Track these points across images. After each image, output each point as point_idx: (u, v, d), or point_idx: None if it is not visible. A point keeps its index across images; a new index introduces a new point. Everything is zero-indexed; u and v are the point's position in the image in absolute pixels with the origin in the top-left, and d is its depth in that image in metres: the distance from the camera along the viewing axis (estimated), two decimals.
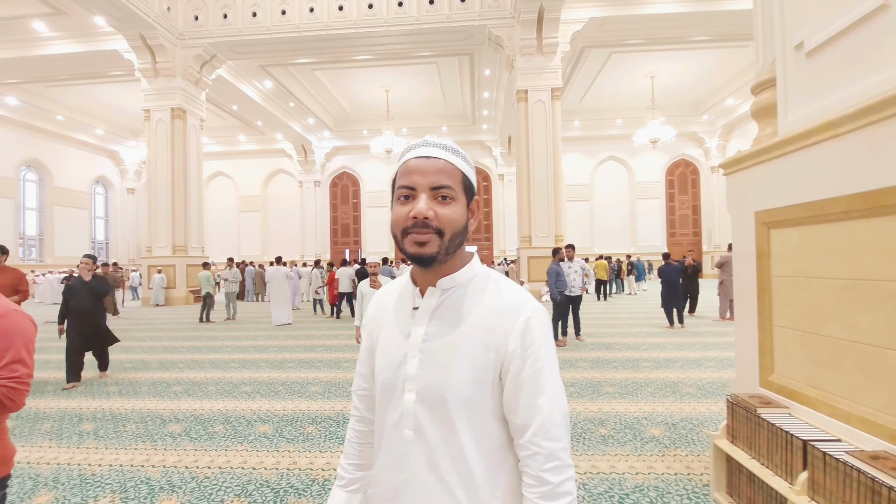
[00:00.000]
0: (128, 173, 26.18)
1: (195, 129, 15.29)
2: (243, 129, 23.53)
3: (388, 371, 0.84)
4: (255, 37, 13.89)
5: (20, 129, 20.33)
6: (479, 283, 0.85)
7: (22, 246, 21.02)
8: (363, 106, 21.60)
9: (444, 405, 0.77)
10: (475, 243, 26.15)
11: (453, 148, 0.83)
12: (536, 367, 0.77)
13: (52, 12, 12.93)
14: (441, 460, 0.77)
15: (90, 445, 3.54)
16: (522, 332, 0.77)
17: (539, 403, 0.76)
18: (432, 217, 0.75)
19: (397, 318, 0.87)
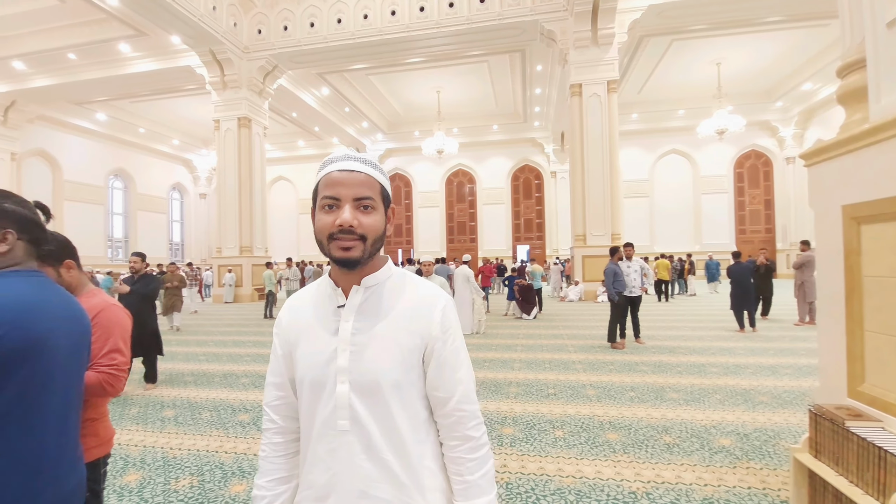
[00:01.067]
0: (200, 180, 28.20)
1: (259, 136, 16.20)
2: (302, 135, 24.64)
3: (315, 369, 0.89)
4: (312, 46, 14.50)
5: (109, 142, 22.49)
6: (396, 280, 0.95)
7: (110, 247, 23.21)
8: (415, 108, 21.95)
9: (378, 390, 0.86)
10: (527, 242, 25.82)
11: (372, 162, 0.92)
12: (455, 346, 0.92)
13: (135, 34, 14.19)
14: (378, 442, 0.86)
15: (171, 431, 3.85)
16: (441, 319, 0.91)
17: (459, 376, 0.92)
18: (356, 225, 0.84)
19: (320, 319, 0.93)
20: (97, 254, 21.34)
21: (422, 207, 26.83)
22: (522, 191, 26.07)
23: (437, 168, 26.21)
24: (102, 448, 1.53)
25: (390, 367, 0.87)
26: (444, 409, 0.91)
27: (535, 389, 4.83)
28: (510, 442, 3.43)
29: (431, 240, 26.42)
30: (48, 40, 14.37)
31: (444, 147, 19.18)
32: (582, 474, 2.87)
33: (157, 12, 12.04)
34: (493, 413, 4.10)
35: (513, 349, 7.11)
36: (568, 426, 3.73)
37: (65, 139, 20.56)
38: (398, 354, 0.88)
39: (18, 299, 1.04)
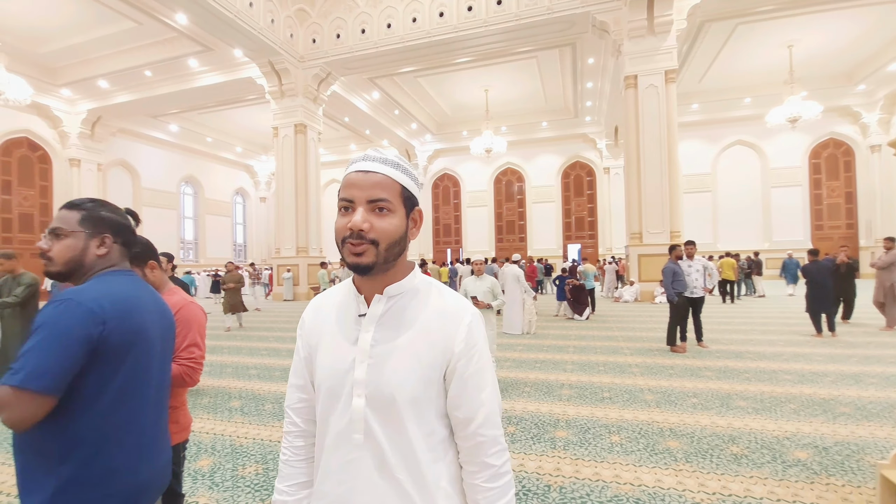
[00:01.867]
0: (260, 184, 29.78)
1: (314, 141, 16.87)
2: (354, 139, 25.38)
3: (333, 378, 0.86)
4: (364, 52, 14.89)
5: (180, 151, 24.26)
6: (421, 290, 0.90)
7: (182, 249, 25.01)
8: (463, 108, 22.00)
9: (393, 406, 0.82)
10: (578, 241, 25.16)
11: (393, 161, 0.87)
12: (479, 365, 0.86)
13: (202, 50, 15.21)
14: (391, 459, 0.82)
15: (238, 420, 4.10)
16: (466, 335, 0.85)
17: (482, 397, 0.86)
18: (367, 229, 0.80)
19: (341, 325, 0.90)
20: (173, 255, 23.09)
21: (470, 207, 26.85)
22: (573, 188, 25.42)
23: (485, 167, 26.13)
24: (182, 434, 1.66)
25: (408, 383, 0.82)
26: (464, 430, 0.85)
27: (588, 392, 4.70)
28: (563, 445, 3.36)
29: (480, 239, 26.37)
30: (128, 60, 15.72)
31: (492, 146, 19.09)
32: (641, 482, 2.77)
33: (221, 28, 12.84)
34: (545, 415, 4.04)
35: (564, 350, 6.95)
36: (625, 431, 3.60)
37: (142, 150, 22.41)
38: (418, 369, 0.83)
39: (122, 295, 1.18)
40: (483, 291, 4.84)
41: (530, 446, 3.36)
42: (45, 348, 1.05)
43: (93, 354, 1.09)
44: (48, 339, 1.06)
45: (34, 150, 18.16)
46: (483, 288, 4.86)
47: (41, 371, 1.03)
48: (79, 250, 1.23)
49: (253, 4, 13.16)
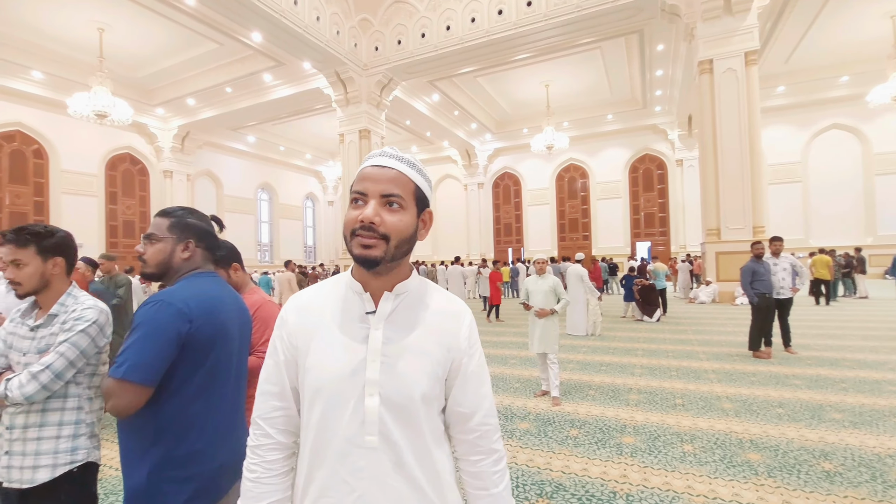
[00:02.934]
0: (328, 189, 31.28)
1: (377, 146, 17.44)
2: (415, 141, 25.90)
3: (339, 381, 0.81)
4: (423, 56, 15.16)
5: (256, 160, 26.10)
6: (422, 290, 0.91)
7: (259, 251, 26.86)
8: (523, 105, 21.69)
9: (410, 404, 0.81)
10: (648, 238, 23.89)
11: (409, 160, 0.87)
12: (480, 362, 0.90)
13: (275, 65, 16.25)
14: (408, 458, 0.81)
15: None
16: (469, 333, 0.89)
17: (484, 391, 0.90)
18: (378, 223, 0.79)
19: (341, 324, 0.85)
20: (250, 257, 24.89)
21: (531, 205, 26.39)
22: (642, 183, 24.15)
23: (546, 164, 25.56)
24: None
25: (422, 380, 0.82)
26: (468, 423, 0.87)
27: (658, 398, 4.47)
28: (630, 452, 3.23)
29: (542, 238, 25.85)
30: (211, 78, 17.17)
31: (553, 142, 18.65)
32: (716, 495, 2.60)
33: (292, 43, 13.66)
34: (610, 419, 3.90)
35: (632, 353, 6.65)
36: (699, 441, 3.39)
37: (224, 160, 24.36)
38: (428, 367, 0.83)
39: (206, 295, 1.33)
40: (545, 290, 4.74)
41: (594, 451, 3.27)
42: (142, 344, 1.20)
43: (181, 349, 1.24)
44: (145, 337, 1.21)
45: (135, 164, 20.37)
46: (545, 287, 4.76)
47: (140, 365, 1.18)
48: (167, 253, 1.37)
49: (320, 18, 13.86)
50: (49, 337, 1.47)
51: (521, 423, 3.88)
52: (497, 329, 9.55)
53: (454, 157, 26.71)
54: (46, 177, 17.12)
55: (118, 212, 19.64)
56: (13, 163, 16.24)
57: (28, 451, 1.41)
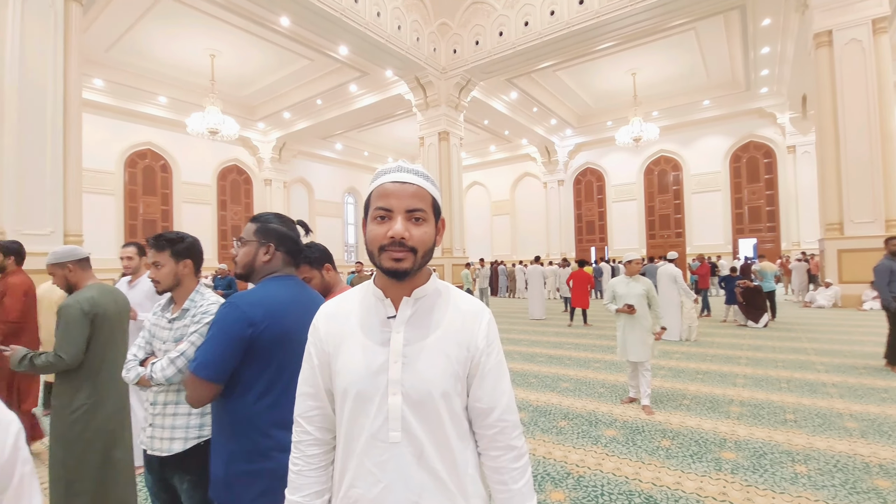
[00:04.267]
0: None
1: (456, 147, 17.68)
2: (493, 140, 25.82)
3: (362, 381, 0.88)
4: (501, 54, 15.07)
5: (343, 166, 27.72)
6: (441, 292, 0.95)
7: (346, 252, 28.49)
8: (606, 97, 20.69)
9: (430, 401, 0.86)
10: (753, 235, 21.56)
11: (425, 174, 0.92)
12: (498, 359, 0.94)
13: (360, 75, 17.14)
14: (430, 452, 0.86)
15: None
16: (487, 332, 0.93)
17: (503, 387, 0.93)
18: (408, 237, 0.85)
19: (366, 329, 0.92)
20: (338, 257, 26.51)
21: (616, 202, 25.03)
22: (746, 173, 21.81)
23: (633, 158, 24.10)
24: None
25: (441, 378, 0.87)
26: (486, 419, 0.92)
27: (765, 412, 4.04)
28: (731, 468, 2.96)
29: (629, 236, 24.41)
30: (304, 92, 18.55)
31: (641, 133, 17.55)
32: None
33: (375, 53, 14.31)
34: (707, 432, 3.60)
35: (734, 362, 6.07)
36: (814, 462, 3.01)
37: (315, 167, 26.18)
38: (447, 366, 0.88)
39: (275, 300, 1.43)
40: (637, 295, 4.26)
41: (689, 464, 3.04)
42: (210, 344, 1.34)
43: (247, 352, 1.34)
44: (213, 337, 1.35)
45: (240, 174, 22.62)
46: (637, 291, 4.28)
47: (207, 362, 1.32)
48: (251, 256, 1.51)
49: (401, 27, 14.37)
50: (182, 328, 1.70)
51: (608, 430, 3.72)
52: (579, 331, 9.23)
53: (533, 154, 26.20)
54: (171, 188, 19.66)
55: (227, 217, 21.94)
56: (145, 177, 18.87)
57: (166, 425, 1.66)
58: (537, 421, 4.00)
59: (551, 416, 4.13)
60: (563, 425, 3.88)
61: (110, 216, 17.38)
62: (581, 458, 3.21)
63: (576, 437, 3.59)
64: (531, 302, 11.44)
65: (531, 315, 11.29)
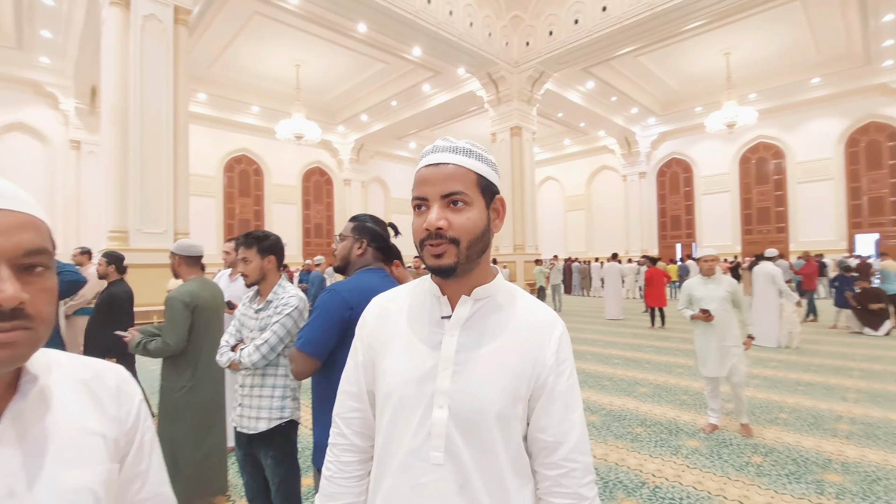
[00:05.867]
0: None
1: (528, 142, 17.37)
2: (568, 134, 25.00)
3: (408, 387, 0.76)
4: (577, 43, 14.51)
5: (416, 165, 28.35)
6: (506, 296, 0.81)
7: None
8: (695, 80, 19.13)
9: (481, 421, 0.72)
10: (875, 229, 18.80)
11: (465, 149, 0.77)
12: (570, 382, 0.77)
13: (433, 74, 17.43)
14: (475, 483, 0.72)
15: None
16: (558, 348, 0.77)
17: (573, 419, 0.76)
18: (445, 227, 0.72)
19: (417, 328, 0.80)
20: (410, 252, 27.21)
21: (706, 194, 23.04)
22: (865, 159, 19.03)
23: (726, 146, 22.04)
24: None
25: (497, 396, 0.73)
26: (551, 456, 0.75)
27: (881, 432, 3.54)
28: (835, 493, 2.64)
29: (720, 232, 22.38)
30: (380, 95, 19.26)
31: (736, 119, 16.01)
32: None
33: (447, 52, 14.48)
34: (808, 451, 3.24)
35: (844, 373, 5.37)
36: None
37: (390, 166, 27.09)
38: (507, 382, 0.74)
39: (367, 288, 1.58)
40: (717, 298, 3.64)
41: (784, 485, 2.76)
42: (314, 324, 1.51)
43: (345, 333, 1.49)
44: (318, 318, 1.51)
45: (322, 175, 24.04)
46: (717, 293, 3.66)
47: (310, 340, 1.50)
48: (348, 250, 1.71)
49: (473, 24, 14.39)
50: (266, 318, 1.91)
51: (690, 441, 3.48)
52: (660, 333, 8.69)
53: (611, 146, 24.97)
54: (262, 190, 21.44)
55: (311, 216, 23.44)
56: (241, 180, 20.76)
57: (253, 406, 1.86)
58: (610, 426, 3.84)
59: (626, 421, 3.95)
60: (639, 432, 3.69)
61: (211, 216, 19.37)
62: (658, 467, 3.04)
63: (653, 446, 3.40)
64: (607, 301, 10.97)
65: (607, 315, 10.83)
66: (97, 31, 9.86)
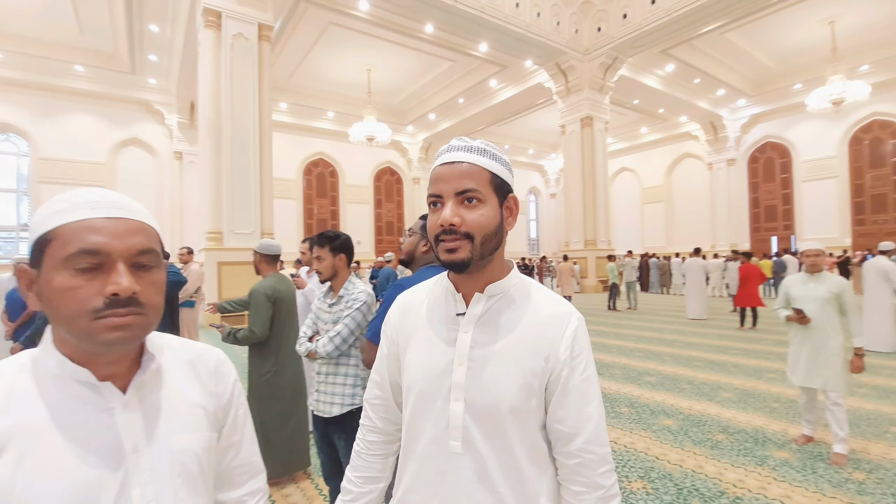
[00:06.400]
0: (550, 182, 31.52)
1: (601, 132, 16.66)
2: (644, 121, 23.62)
3: (427, 381, 0.81)
4: (655, 24, 13.65)
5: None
6: (521, 290, 0.83)
7: None
8: (793, 54, 17.17)
9: (495, 414, 0.76)
10: None
11: (479, 148, 0.80)
12: (586, 374, 0.79)
13: (499, 69, 17.28)
14: (493, 471, 0.76)
15: None
16: (572, 341, 0.79)
17: (589, 410, 0.78)
18: (459, 223, 0.75)
19: (434, 324, 0.84)
20: None
21: (807, 181, 20.59)
22: None
23: (831, 126, 19.54)
24: None
25: (511, 391, 0.76)
26: (567, 446, 0.78)
27: None
28: None
29: (824, 223, 19.89)
30: (447, 93, 19.47)
31: (843, 94, 14.18)
32: None
33: (514, 45, 14.30)
34: None
35: None
36: None
37: None
38: (519, 377, 0.77)
39: None
40: (818, 299, 3.16)
41: None
42: (381, 316, 1.60)
43: None
44: (383, 310, 1.61)
45: (392, 174, 24.82)
46: (818, 293, 3.17)
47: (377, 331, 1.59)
48: (414, 246, 1.82)
49: (540, 14, 14.07)
50: (338, 312, 2.07)
51: (779, 452, 3.19)
52: (750, 335, 7.98)
53: (694, 132, 23.15)
54: (337, 191, 22.61)
55: (382, 214, 24.32)
56: (318, 182, 22.05)
57: (328, 392, 2.03)
58: (688, 430, 3.62)
59: (706, 427, 3.70)
60: (720, 439, 3.44)
61: (292, 217, 20.79)
62: (740, 477, 2.82)
63: (735, 454, 3.16)
64: (689, 299, 10.23)
65: (689, 314, 10.11)
66: (195, 52, 10.99)
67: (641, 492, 2.69)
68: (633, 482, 2.81)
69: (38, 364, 0.62)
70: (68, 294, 0.57)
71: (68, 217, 0.59)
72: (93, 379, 0.61)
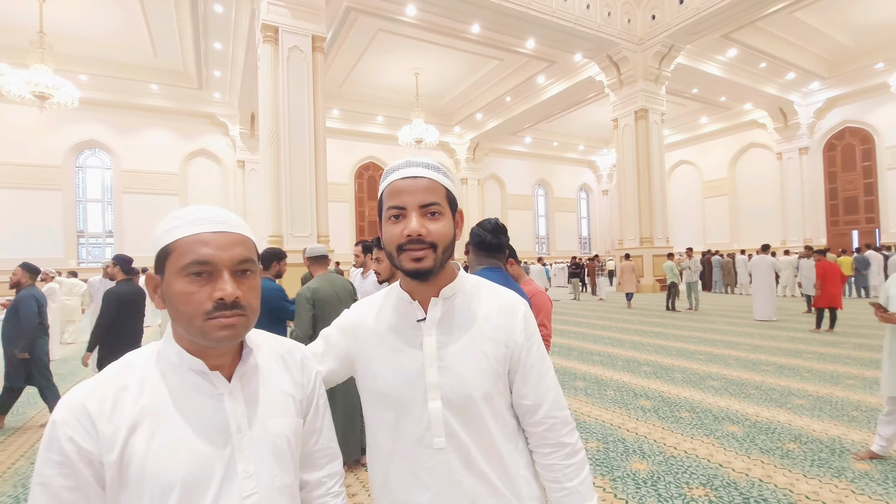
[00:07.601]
0: (602, 178, 30.55)
1: (656, 124, 15.93)
2: (704, 111, 22.37)
3: (401, 388, 0.85)
4: (715, 7, 12.86)
5: (533, 159, 27.92)
6: (471, 288, 0.91)
7: (536, 244, 28.66)
8: (874, 29, 15.64)
9: (471, 403, 0.83)
10: None
11: (435, 166, 0.86)
12: (539, 352, 0.90)
13: (548, 65, 16.99)
14: (477, 456, 0.84)
15: (582, 399, 4.50)
16: (525, 325, 0.89)
17: (548, 382, 0.90)
18: (425, 234, 0.80)
19: (395, 333, 0.89)
20: (528, 249, 26.88)
21: (892, 169, 18.62)
22: None
23: None
24: None
25: (481, 379, 0.84)
26: (534, 416, 0.89)
27: None
28: None
29: None
30: (494, 92, 19.40)
31: None
32: None
33: (563, 39, 14.02)
34: None
35: None
36: None
37: (505, 163, 27.09)
38: (486, 365, 0.85)
39: None
40: None
41: None
42: None
43: None
44: None
45: None
46: None
47: None
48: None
49: (589, 6, 13.69)
50: None
51: (858, 464, 2.95)
52: (827, 338, 7.38)
53: (761, 120, 21.58)
54: None
55: None
56: (369, 185, 22.63)
57: None
58: (755, 438, 3.43)
59: (775, 435, 3.48)
60: (791, 448, 3.23)
61: (345, 219, 21.49)
62: (813, 489, 2.65)
63: (808, 465, 2.96)
64: (756, 299, 9.56)
65: (756, 315, 9.44)
66: (255, 66, 11.67)
67: (703, 499, 2.59)
68: (695, 489, 2.70)
69: (161, 355, 0.74)
70: (186, 298, 0.68)
71: (183, 232, 0.70)
72: (205, 368, 0.72)
